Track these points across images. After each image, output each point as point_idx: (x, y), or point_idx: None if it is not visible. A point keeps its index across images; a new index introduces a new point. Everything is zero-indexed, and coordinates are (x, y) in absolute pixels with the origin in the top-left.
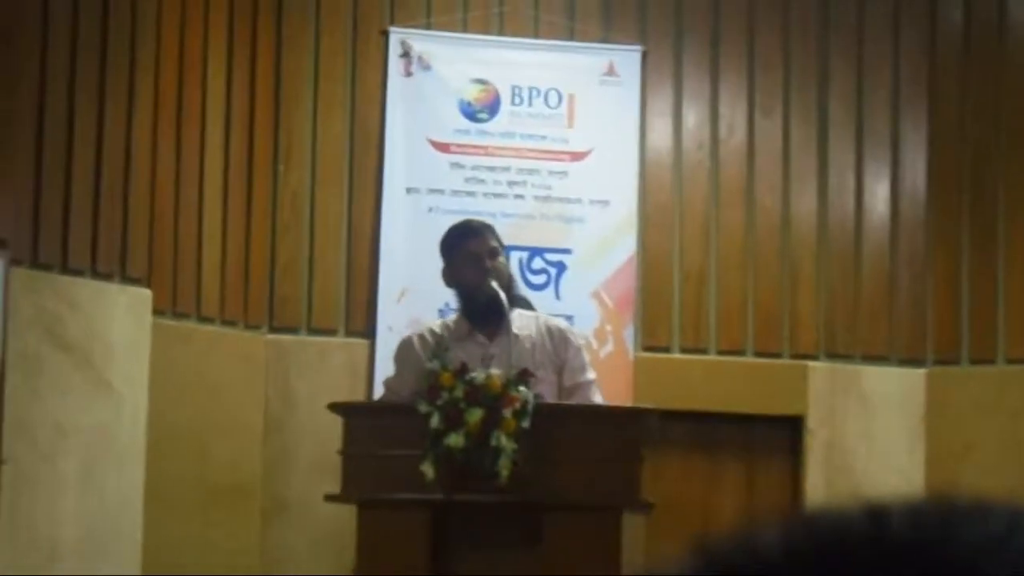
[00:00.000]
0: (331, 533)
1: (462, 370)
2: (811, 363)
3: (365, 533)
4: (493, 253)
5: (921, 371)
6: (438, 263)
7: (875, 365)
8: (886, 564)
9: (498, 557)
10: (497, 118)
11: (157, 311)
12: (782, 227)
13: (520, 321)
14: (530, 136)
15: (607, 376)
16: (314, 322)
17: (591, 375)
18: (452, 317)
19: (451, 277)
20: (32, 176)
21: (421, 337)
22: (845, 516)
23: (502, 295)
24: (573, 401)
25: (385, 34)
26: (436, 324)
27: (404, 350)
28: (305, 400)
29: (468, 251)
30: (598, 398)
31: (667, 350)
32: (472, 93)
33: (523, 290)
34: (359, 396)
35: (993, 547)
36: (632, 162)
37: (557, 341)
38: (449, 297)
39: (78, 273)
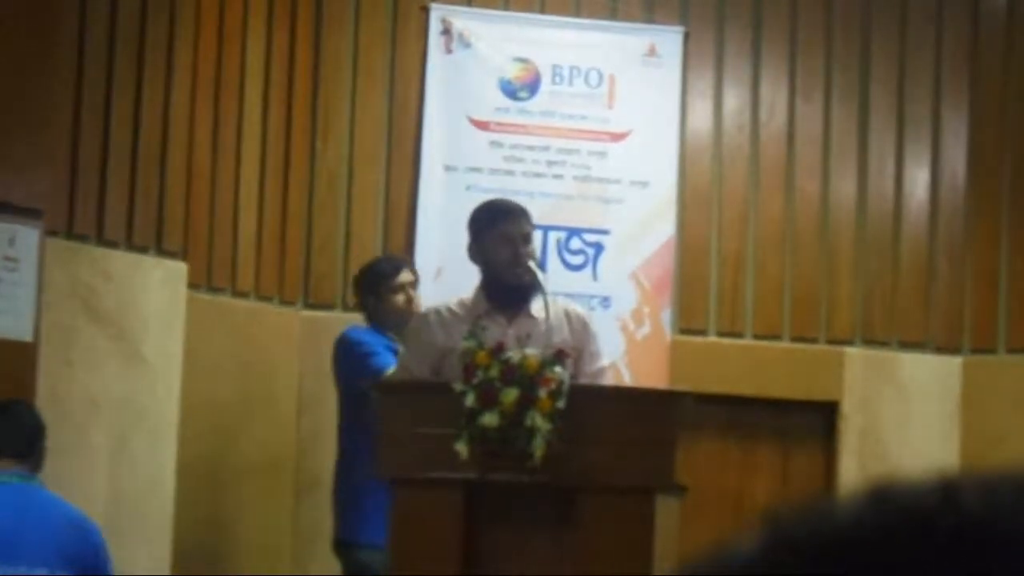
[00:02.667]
0: None
1: (498, 349)
2: (847, 349)
3: (398, 511)
4: (527, 239)
5: (958, 359)
6: None
7: (911, 352)
8: (960, 538)
9: (531, 536)
10: (537, 97)
11: (192, 285)
12: (821, 212)
13: (537, 304)
14: (570, 116)
15: (643, 358)
16: (349, 299)
17: (606, 362)
18: (469, 295)
19: (480, 254)
20: (69, 147)
21: (437, 313)
22: (916, 490)
23: (540, 277)
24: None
25: (426, 11)
26: (453, 301)
27: (418, 327)
28: None
29: (504, 232)
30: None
31: (703, 333)
32: (512, 71)
33: (560, 271)
34: None
35: None
36: (672, 144)
37: (576, 326)
38: None
39: (113, 245)
